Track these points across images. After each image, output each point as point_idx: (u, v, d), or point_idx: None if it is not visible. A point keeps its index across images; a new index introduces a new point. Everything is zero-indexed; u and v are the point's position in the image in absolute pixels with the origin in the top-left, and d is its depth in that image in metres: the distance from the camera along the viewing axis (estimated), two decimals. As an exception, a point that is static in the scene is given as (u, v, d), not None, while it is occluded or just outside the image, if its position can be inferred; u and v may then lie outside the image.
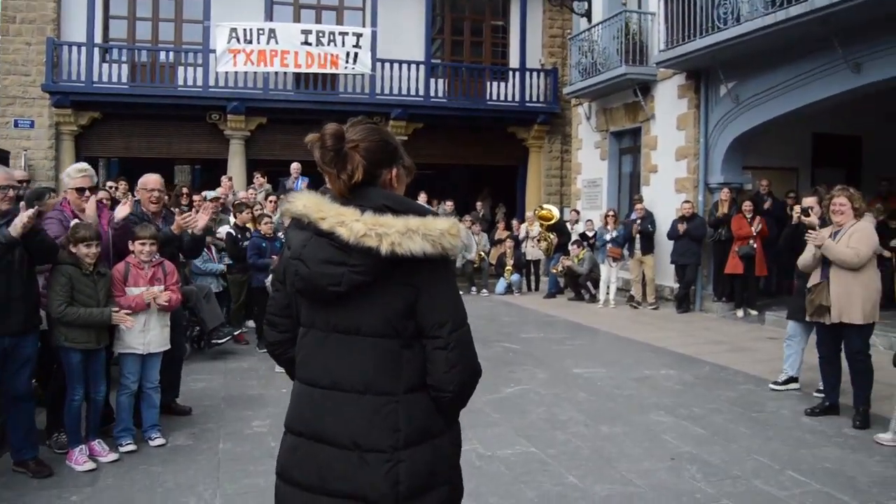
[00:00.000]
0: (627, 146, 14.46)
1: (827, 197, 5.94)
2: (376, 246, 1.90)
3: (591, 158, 15.32)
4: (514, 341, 9.34)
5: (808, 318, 6.09)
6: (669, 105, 12.52)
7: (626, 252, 12.32)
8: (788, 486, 4.58)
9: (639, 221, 12.04)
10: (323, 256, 1.98)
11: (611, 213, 12.57)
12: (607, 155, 14.71)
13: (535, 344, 9.22)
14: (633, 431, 5.65)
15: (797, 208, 6.86)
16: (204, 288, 8.48)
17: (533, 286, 15.07)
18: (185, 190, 8.89)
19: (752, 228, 10.69)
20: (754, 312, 11.00)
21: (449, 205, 14.84)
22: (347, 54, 16.04)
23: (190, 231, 5.85)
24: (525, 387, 7.01)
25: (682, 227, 11.37)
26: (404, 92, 16.64)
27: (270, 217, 9.22)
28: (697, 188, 11.93)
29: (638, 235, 12.03)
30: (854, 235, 5.68)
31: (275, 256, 8.13)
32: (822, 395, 6.53)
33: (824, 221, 6.43)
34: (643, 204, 12.31)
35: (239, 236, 8.95)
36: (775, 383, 6.96)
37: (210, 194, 9.96)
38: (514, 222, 15.74)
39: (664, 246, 12.00)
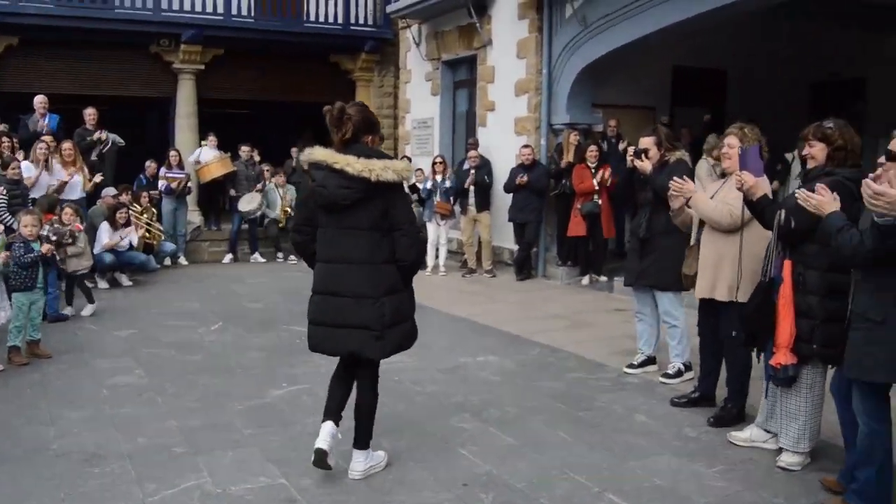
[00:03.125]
0: (462, 79, 13.73)
1: (723, 136, 5.32)
2: (368, 175, 3.89)
3: (421, 93, 14.49)
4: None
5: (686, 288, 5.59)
6: (508, 28, 11.86)
7: (457, 208, 11.65)
8: (604, 517, 3.98)
9: (472, 171, 11.36)
10: (337, 183, 3.95)
11: (439, 160, 11.82)
12: (439, 89, 13.92)
13: (334, 325, 8.36)
14: (423, 445, 4.92)
15: (630, 150, 6.27)
16: None
17: (355, 249, 14.18)
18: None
19: (594, 181, 10.23)
20: (602, 279, 10.65)
21: (245, 149, 13.62)
22: (121, -42, 14.38)
23: None
24: (301, 386, 6.16)
25: (521, 179, 10.77)
26: (198, 8, 15.08)
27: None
28: (540, 130, 11.38)
29: (472, 188, 11.35)
30: (735, 188, 4.93)
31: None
32: (669, 380, 6.15)
33: (663, 166, 5.90)
34: (478, 150, 11.65)
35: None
36: (630, 366, 6.49)
37: None
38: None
39: (503, 200, 11.42)
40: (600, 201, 10.26)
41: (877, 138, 7.51)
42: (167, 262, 12.66)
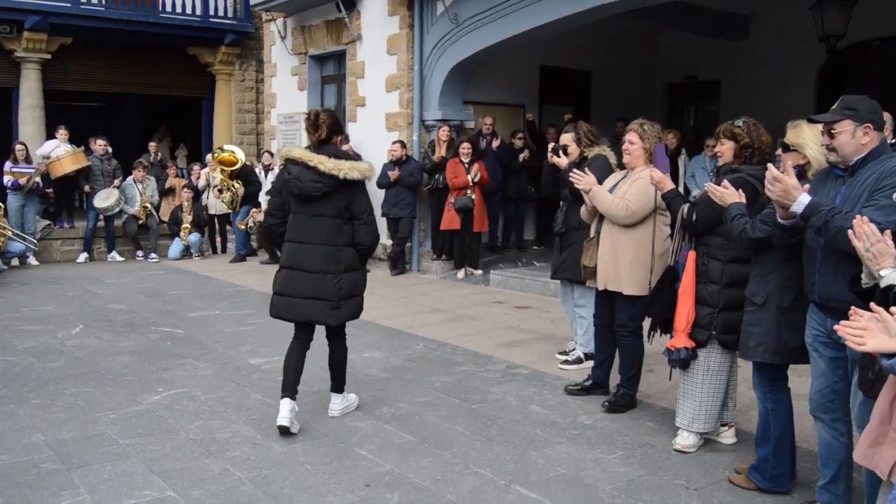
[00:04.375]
0: (331, 73, 13.44)
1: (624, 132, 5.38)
2: (337, 173, 4.61)
3: (287, 88, 14.08)
4: (179, 324, 7.98)
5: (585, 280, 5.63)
6: (379, 24, 11.70)
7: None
8: (516, 510, 3.87)
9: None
10: (310, 178, 4.65)
11: (309, 155, 11.49)
12: (307, 84, 13.58)
13: (206, 325, 7.94)
14: (320, 447, 4.67)
15: (550, 146, 6.20)
16: None
17: (219, 248, 13.69)
18: None
19: (469, 177, 10.22)
20: (478, 272, 10.66)
21: (101, 143, 12.78)
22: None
23: None
24: (179, 390, 5.75)
25: (393, 174, 10.63)
26: (44, -5, 14.13)
27: None
28: (412, 126, 11.28)
29: (345, 184, 11.11)
30: (636, 184, 5.09)
31: None
32: (567, 366, 6.25)
33: (583, 161, 5.90)
34: (350, 144, 11.41)
35: None
36: (566, 362, 6.36)
37: None
38: (195, 168, 14.12)
39: (376, 196, 11.19)
40: (473, 196, 10.23)
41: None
42: (15, 262, 11.73)
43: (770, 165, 3.51)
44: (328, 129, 4.79)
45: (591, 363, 6.08)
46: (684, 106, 14.53)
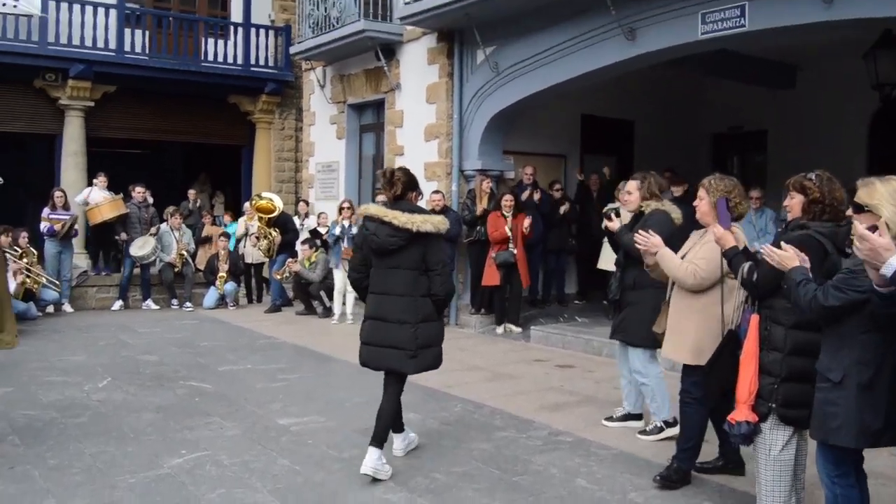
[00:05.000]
0: (369, 122, 13.35)
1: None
2: (411, 227, 4.80)
3: (326, 137, 13.99)
4: (208, 378, 7.69)
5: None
6: (418, 72, 11.56)
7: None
8: None
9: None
10: (386, 233, 4.86)
11: (346, 204, 11.28)
12: (345, 133, 13.49)
13: (236, 380, 7.64)
14: (347, 523, 4.30)
15: (604, 210, 5.96)
16: None
17: (255, 297, 13.47)
18: None
19: (507, 229, 9.94)
20: (517, 329, 10.28)
21: (139, 191, 12.71)
22: (6, -13, 13.33)
23: None
24: (202, 452, 5.42)
25: (433, 224, 10.36)
26: (89, 43, 14.24)
27: None
28: (451, 175, 11.05)
29: (381, 234, 10.86)
30: (705, 247, 4.79)
31: None
32: (645, 436, 5.82)
33: (639, 217, 5.60)
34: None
35: None
36: (608, 419, 6.07)
37: None
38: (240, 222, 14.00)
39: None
40: (515, 250, 9.92)
41: (778, 190, 7.47)
42: (50, 309, 11.60)
43: (856, 221, 3.13)
44: (403, 186, 5.03)
45: (672, 431, 5.59)
46: (729, 156, 14.13)
